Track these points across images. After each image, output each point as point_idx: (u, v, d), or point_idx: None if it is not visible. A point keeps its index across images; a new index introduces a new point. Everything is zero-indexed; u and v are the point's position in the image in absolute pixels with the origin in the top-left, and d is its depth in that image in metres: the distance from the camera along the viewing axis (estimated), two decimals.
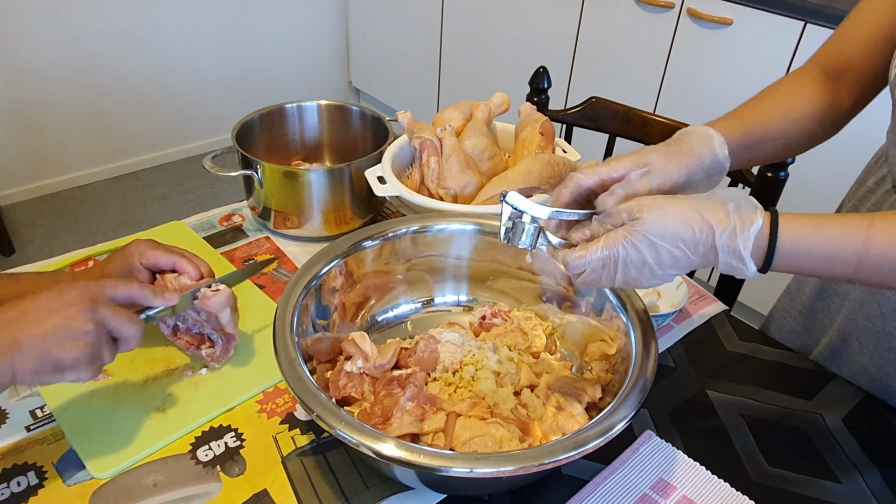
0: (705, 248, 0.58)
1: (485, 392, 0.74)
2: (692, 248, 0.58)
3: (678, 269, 0.60)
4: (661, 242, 0.58)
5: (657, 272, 0.60)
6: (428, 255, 0.88)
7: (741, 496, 0.69)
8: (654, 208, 0.59)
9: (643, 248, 0.58)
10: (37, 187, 2.67)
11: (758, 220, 0.57)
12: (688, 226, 0.58)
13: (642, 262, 0.59)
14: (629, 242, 0.58)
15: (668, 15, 1.95)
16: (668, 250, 0.58)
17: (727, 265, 0.59)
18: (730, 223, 0.57)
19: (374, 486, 0.69)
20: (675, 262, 0.59)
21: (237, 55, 2.95)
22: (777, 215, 0.59)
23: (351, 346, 0.76)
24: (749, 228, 0.57)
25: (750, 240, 0.57)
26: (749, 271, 0.58)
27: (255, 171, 1.02)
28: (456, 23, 2.65)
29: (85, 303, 0.63)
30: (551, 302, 0.87)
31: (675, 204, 0.59)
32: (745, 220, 0.57)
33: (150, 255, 0.77)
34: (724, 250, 0.58)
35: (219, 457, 0.71)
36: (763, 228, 0.58)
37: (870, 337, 0.83)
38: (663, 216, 0.58)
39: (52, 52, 2.47)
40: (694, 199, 0.59)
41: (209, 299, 0.75)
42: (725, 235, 0.57)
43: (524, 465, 0.57)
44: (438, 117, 1.09)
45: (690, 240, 0.58)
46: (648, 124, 1.30)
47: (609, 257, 0.59)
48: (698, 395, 0.82)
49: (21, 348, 0.60)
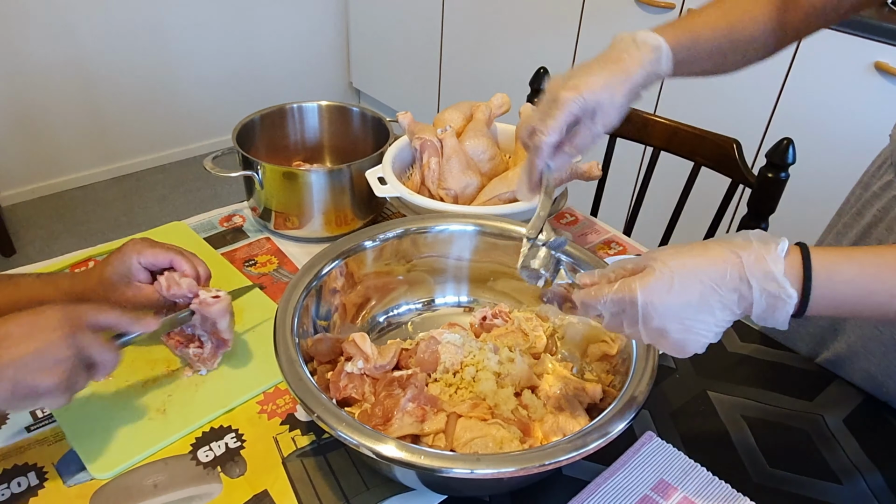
0: (734, 281, 0.53)
1: (485, 393, 0.74)
2: (720, 282, 0.53)
3: (710, 315, 0.55)
4: (682, 278, 0.53)
5: (686, 320, 0.55)
6: (428, 255, 0.88)
7: (742, 497, 0.69)
8: (668, 250, 0.56)
9: (663, 287, 0.54)
10: (37, 188, 2.67)
11: (783, 241, 0.54)
12: (709, 256, 0.54)
13: (665, 305, 0.54)
14: (647, 281, 0.54)
15: (669, 16, 1.95)
16: (693, 288, 0.54)
17: (764, 295, 0.53)
18: (753, 248, 0.54)
19: (375, 486, 0.69)
20: (704, 301, 0.54)
21: (238, 56, 2.95)
22: (806, 246, 0.55)
23: (351, 346, 0.76)
24: (775, 249, 0.53)
25: (780, 260, 0.53)
26: (788, 295, 0.53)
27: (256, 172, 1.02)
28: (456, 23, 2.65)
29: (64, 329, 0.62)
30: (552, 303, 0.86)
31: (691, 246, 0.56)
32: (769, 242, 0.54)
33: (149, 255, 0.76)
34: (755, 277, 0.53)
35: (219, 457, 0.71)
36: (791, 254, 0.54)
37: (877, 345, 0.82)
38: (680, 252, 0.55)
39: (53, 52, 2.48)
40: (706, 243, 0.56)
41: (210, 306, 0.75)
42: (752, 259, 0.53)
43: (525, 467, 0.57)
44: (439, 118, 1.09)
45: (715, 272, 0.53)
46: (649, 125, 1.30)
47: (624, 300, 0.55)
48: (699, 396, 0.82)
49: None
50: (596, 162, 1.02)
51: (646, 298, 0.54)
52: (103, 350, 0.65)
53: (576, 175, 0.99)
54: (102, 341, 0.65)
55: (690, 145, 1.26)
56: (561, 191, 1.01)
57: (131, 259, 0.76)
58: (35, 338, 0.60)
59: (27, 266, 0.95)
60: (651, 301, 0.54)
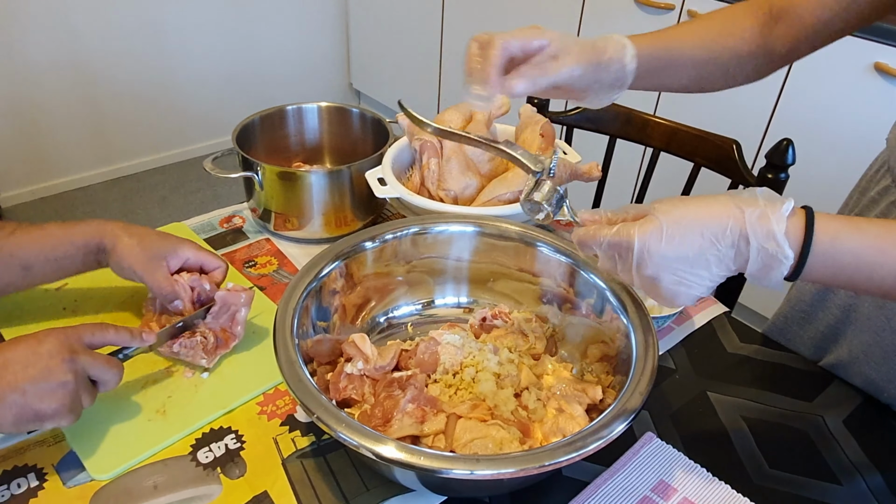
0: (734, 236, 0.53)
1: (485, 394, 0.74)
2: (719, 235, 0.53)
3: (706, 270, 0.54)
4: (682, 229, 0.53)
5: (680, 271, 0.54)
6: (428, 256, 0.88)
7: (742, 498, 0.69)
8: (673, 200, 0.55)
9: (662, 236, 0.53)
10: (37, 189, 2.67)
11: (788, 201, 0.53)
12: (712, 210, 0.53)
13: (661, 254, 0.54)
14: (646, 229, 0.54)
15: (669, 16, 1.95)
16: (691, 240, 0.53)
17: (762, 254, 0.53)
18: (759, 205, 0.53)
19: (375, 487, 0.69)
20: (701, 255, 0.53)
21: (238, 57, 2.95)
22: (811, 210, 0.54)
23: (351, 347, 0.76)
24: (780, 208, 0.52)
25: (783, 220, 0.52)
26: (785, 256, 0.52)
27: (256, 173, 1.02)
28: (456, 24, 2.65)
29: (63, 353, 0.63)
30: (552, 304, 0.87)
31: (696, 198, 0.55)
32: (775, 202, 0.53)
33: (203, 256, 0.82)
34: (755, 234, 0.52)
35: (219, 458, 0.71)
36: (796, 216, 0.53)
37: (877, 350, 0.82)
38: (684, 203, 0.54)
39: (52, 53, 2.48)
40: (714, 195, 0.56)
41: (240, 292, 0.80)
42: (755, 215, 0.52)
43: (525, 467, 0.57)
44: (439, 119, 1.09)
45: (716, 225, 0.53)
46: (649, 126, 1.30)
47: (621, 244, 0.55)
48: (699, 396, 0.82)
49: (2, 402, 0.60)
50: (596, 163, 1.02)
51: (643, 246, 0.54)
52: (105, 368, 0.67)
53: (576, 176, 1.00)
54: (103, 361, 0.67)
55: (690, 146, 1.26)
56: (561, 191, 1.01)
57: (185, 250, 0.81)
58: (35, 364, 0.62)
59: None
60: (648, 249, 0.54)
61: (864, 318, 0.84)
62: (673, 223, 0.54)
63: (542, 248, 0.84)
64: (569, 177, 0.99)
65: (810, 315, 0.94)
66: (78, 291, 0.90)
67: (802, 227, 0.53)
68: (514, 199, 0.95)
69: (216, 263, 0.83)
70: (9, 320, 0.85)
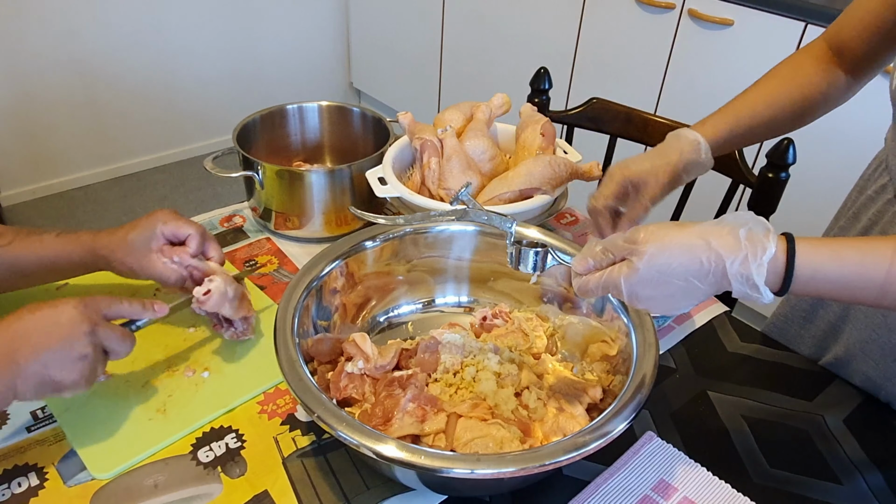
0: (716, 278, 0.56)
1: (486, 393, 0.74)
2: (701, 279, 0.56)
3: (692, 300, 0.58)
4: (664, 276, 0.56)
5: (668, 305, 0.59)
6: (429, 256, 0.88)
7: (742, 497, 0.69)
8: (657, 241, 0.56)
9: (646, 283, 0.57)
10: (38, 188, 2.67)
11: (770, 246, 0.55)
12: (694, 256, 0.55)
13: (647, 296, 0.58)
14: (632, 279, 0.57)
15: (669, 16, 1.95)
16: (674, 284, 0.56)
17: (741, 293, 0.56)
18: (741, 250, 0.55)
19: (375, 487, 0.69)
20: (687, 293, 0.57)
21: (238, 56, 2.95)
22: (794, 243, 0.56)
23: (352, 346, 0.76)
24: (762, 256, 0.54)
25: (763, 267, 0.54)
26: (765, 300, 0.56)
27: (256, 172, 1.02)
28: (457, 24, 2.65)
29: (84, 326, 0.64)
30: (552, 303, 0.87)
31: (679, 233, 0.57)
32: (757, 246, 0.55)
33: (172, 225, 0.79)
34: (736, 279, 0.55)
35: (220, 458, 0.71)
36: (778, 254, 0.55)
37: (875, 348, 0.82)
38: (666, 247, 0.56)
39: (53, 52, 2.48)
40: (700, 227, 0.57)
41: (203, 304, 0.77)
42: (737, 263, 0.55)
43: (525, 467, 0.57)
44: (439, 118, 1.09)
45: (698, 271, 0.56)
46: (649, 125, 1.30)
47: (609, 287, 0.59)
48: (699, 396, 0.82)
49: (22, 372, 0.61)
50: (596, 162, 1.02)
51: (630, 290, 0.58)
52: (120, 340, 0.68)
53: (576, 175, 1.00)
54: (119, 333, 0.68)
55: None
56: (561, 191, 1.01)
57: (156, 226, 0.79)
58: (56, 335, 0.63)
59: None
60: (636, 294, 0.58)
61: (861, 316, 0.84)
62: (655, 271, 0.57)
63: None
64: (569, 176, 0.99)
65: (810, 314, 0.94)
66: (78, 291, 0.90)
67: (783, 267, 0.56)
68: (515, 198, 0.95)
69: (187, 230, 0.81)
70: None
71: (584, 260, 0.62)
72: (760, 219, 0.57)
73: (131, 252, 0.78)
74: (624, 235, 0.59)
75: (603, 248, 0.61)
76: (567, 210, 1.17)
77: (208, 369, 0.81)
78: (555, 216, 1.11)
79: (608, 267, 0.60)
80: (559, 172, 0.97)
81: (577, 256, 0.63)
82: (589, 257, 0.61)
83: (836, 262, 0.56)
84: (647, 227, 0.58)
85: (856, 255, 0.56)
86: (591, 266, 0.61)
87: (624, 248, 0.59)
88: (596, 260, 0.61)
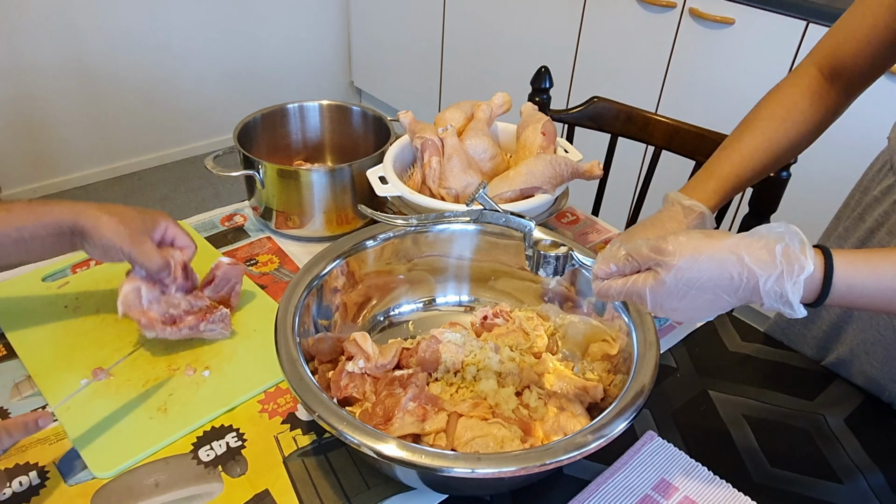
0: (747, 293, 0.54)
1: (486, 392, 0.74)
2: (731, 294, 0.54)
3: (718, 311, 0.57)
4: (693, 290, 0.54)
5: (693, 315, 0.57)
6: (429, 255, 0.88)
7: (743, 497, 0.69)
8: (686, 254, 0.54)
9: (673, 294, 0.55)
10: (38, 187, 2.67)
11: (808, 264, 0.52)
12: (725, 271, 0.53)
13: (674, 308, 0.56)
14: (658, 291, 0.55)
15: (670, 15, 1.95)
16: (704, 298, 0.55)
17: (772, 308, 0.54)
18: (776, 268, 0.52)
19: (376, 486, 0.69)
20: (713, 305, 0.55)
21: (239, 55, 2.95)
22: (831, 259, 0.54)
23: (352, 346, 0.76)
24: (798, 274, 0.52)
25: (800, 285, 0.52)
26: (797, 315, 0.54)
27: (257, 171, 1.02)
28: (458, 23, 2.65)
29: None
30: (553, 302, 0.87)
31: (709, 247, 0.54)
32: (794, 263, 0.52)
33: (176, 230, 0.82)
34: (769, 296, 0.53)
35: (220, 457, 0.71)
36: (815, 272, 0.53)
37: (879, 349, 0.82)
38: (696, 262, 0.54)
39: (54, 51, 2.48)
40: (732, 240, 0.55)
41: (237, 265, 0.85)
42: (772, 280, 0.53)
43: (526, 466, 0.57)
44: (440, 117, 1.09)
45: (728, 286, 0.54)
46: (650, 124, 1.30)
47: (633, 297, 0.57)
48: (700, 395, 0.82)
49: None
50: (597, 161, 1.02)
51: (655, 300, 0.56)
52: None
53: (577, 174, 0.99)
54: None
55: (692, 144, 1.26)
56: (562, 190, 1.01)
57: (162, 221, 0.81)
58: None
59: (28, 266, 0.95)
60: (660, 304, 0.57)
61: (866, 316, 0.84)
62: (683, 284, 0.55)
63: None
64: (570, 175, 0.99)
65: (812, 314, 0.93)
66: (78, 290, 0.90)
67: (820, 283, 0.54)
68: (516, 197, 0.95)
69: (186, 241, 0.82)
70: (13, 319, 0.85)
71: (607, 264, 0.60)
72: (795, 230, 0.54)
73: (126, 227, 0.75)
74: (650, 244, 0.57)
75: (627, 253, 0.59)
76: (567, 209, 1.17)
77: (209, 368, 0.81)
78: (555, 215, 1.11)
79: (631, 275, 0.58)
80: (560, 171, 0.97)
81: (599, 260, 0.61)
82: (612, 262, 0.59)
83: (873, 277, 0.55)
84: (675, 238, 0.56)
85: (892, 268, 0.55)
86: (613, 271, 0.60)
87: (650, 258, 0.57)
88: (619, 265, 0.59)
